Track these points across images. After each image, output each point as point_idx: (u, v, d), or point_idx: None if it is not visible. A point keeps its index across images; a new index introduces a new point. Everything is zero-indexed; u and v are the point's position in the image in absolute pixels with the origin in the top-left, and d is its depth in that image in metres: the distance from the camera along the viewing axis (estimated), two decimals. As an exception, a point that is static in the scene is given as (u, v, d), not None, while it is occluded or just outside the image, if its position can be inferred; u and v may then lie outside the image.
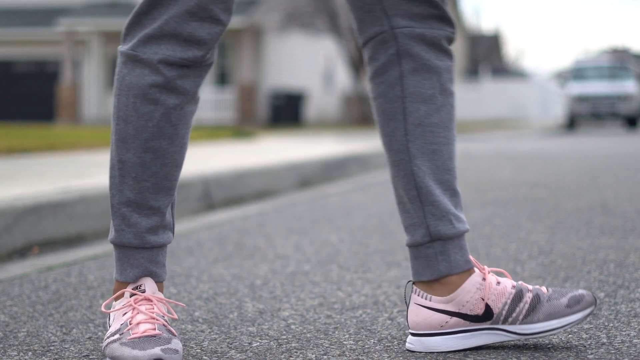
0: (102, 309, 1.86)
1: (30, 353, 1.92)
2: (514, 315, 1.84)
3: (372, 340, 1.97)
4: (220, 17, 1.79)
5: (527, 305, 1.84)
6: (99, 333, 2.09)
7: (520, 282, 1.88)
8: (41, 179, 4.90)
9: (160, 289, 1.90)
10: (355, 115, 32.27)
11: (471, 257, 1.87)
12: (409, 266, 2.92)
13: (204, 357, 1.86)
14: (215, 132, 14.88)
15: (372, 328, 2.08)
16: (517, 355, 1.82)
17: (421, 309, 1.87)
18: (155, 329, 1.78)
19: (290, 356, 1.85)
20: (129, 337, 1.75)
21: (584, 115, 26.07)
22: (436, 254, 1.86)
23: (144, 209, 1.84)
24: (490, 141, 17.13)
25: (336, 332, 2.04)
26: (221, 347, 1.94)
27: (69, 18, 30.34)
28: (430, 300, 1.86)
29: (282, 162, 6.59)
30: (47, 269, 3.01)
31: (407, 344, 1.88)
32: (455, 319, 1.85)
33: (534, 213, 4.38)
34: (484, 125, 30.30)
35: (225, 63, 31.30)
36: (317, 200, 5.34)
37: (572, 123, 26.41)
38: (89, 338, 2.04)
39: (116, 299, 1.88)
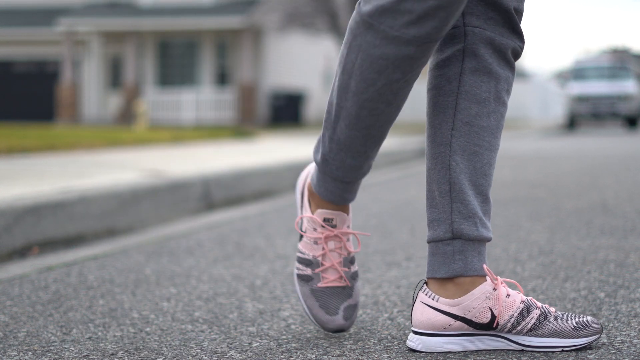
0: (296, 226, 2.08)
1: (30, 353, 1.92)
2: (519, 328, 1.85)
3: (372, 340, 1.97)
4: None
5: (533, 320, 1.85)
6: (99, 333, 2.09)
7: (530, 298, 1.89)
8: (41, 179, 4.90)
9: (347, 212, 2.02)
10: (355, 115, 32.21)
11: (486, 267, 1.87)
12: (409, 266, 2.92)
13: (204, 357, 1.86)
14: (215, 132, 14.88)
15: (372, 328, 2.08)
16: (517, 356, 1.82)
17: (427, 309, 1.87)
18: (342, 279, 2.00)
19: (290, 356, 1.85)
20: (319, 284, 1.98)
21: (584, 115, 26.07)
22: (454, 252, 1.86)
23: (351, 152, 1.91)
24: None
25: (336, 332, 2.04)
26: (221, 347, 1.94)
27: (68, 18, 30.34)
28: (437, 301, 1.87)
29: (282, 162, 6.59)
30: (47, 269, 3.01)
31: (408, 341, 1.89)
32: (459, 323, 1.86)
33: (534, 213, 4.38)
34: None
35: (225, 63, 31.29)
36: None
37: (572, 123, 26.41)
38: (89, 338, 2.04)
39: (306, 221, 2.04)
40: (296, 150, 9.36)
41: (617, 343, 1.89)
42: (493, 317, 1.84)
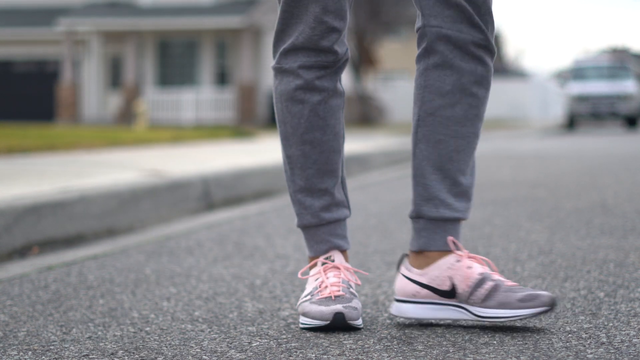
0: (299, 275, 2.21)
1: (30, 352, 1.92)
2: (473, 298, 2.03)
3: (372, 340, 1.97)
4: (334, 24, 2.10)
5: (485, 292, 2.02)
6: (99, 332, 2.09)
7: (489, 272, 2.06)
8: (41, 178, 4.90)
9: (346, 259, 2.20)
10: (355, 115, 32.27)
11: (454, 241, 2.09)
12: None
13: (204, 356, 1.86)
14: (215, 132, 14.88)
15: (371, 327, 2.09)
16: (516, 355, 1.82)
17: (402, 278, 2.13)
18: (339, 290, 2.08)
19: (290, 356, 1.85)
20: (317, 297, 2.06)
21: (583, 115, 26.06)
22: (420, 229, 2.13)
23: (314, 192, 2.16)
24: (489, 141, 17.14)
25: (336, 332, 2.05)
26: (221, 347, 1.94)
27: (68, 18, 30.34)
28: (410, 271, 2.12)
29: (282, 162, 6.59)
30: (47, 269, 3.01)
31: (389, 308, 2.16)
32: (426, 291, 2.09)
33: (533, 213, 4.38)
34: (484, 125, 30.31)
35: (225, 63, 31.30)
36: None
37: (571, 123, 26.40)
38: (89, 337, 2.05)
39: (310, 268, 2.18)
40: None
41: (616, 342, 1.90)
42: (453, 285, 2.06)
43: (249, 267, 2.99)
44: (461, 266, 2.06)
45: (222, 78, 31.24)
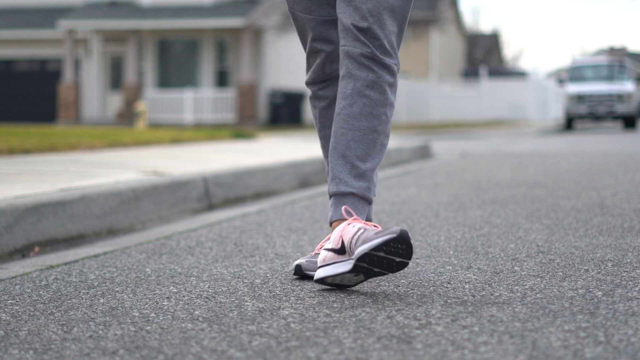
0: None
1: (31, 352, 1.93)
2: (352, 247, 2.45)
3: (371, 339, 1.98)
4: (321, 47, 2.78)
5: (356, 238, 2.45)
6: (100, 332, 2.10)
7: (365, 224, 2.49)
8: (42, 178, 4.91)
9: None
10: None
11: (347, 209, 2.55)
12: (408, 266, 2.94)
13: (204, 355, 1.87)
14: (215, 132, 14.88)
15: (371, 327, 2.10)
16: (515, 354, 1.83)
17: (322, 250, 2.57)
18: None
19: (290, 354, 1.86)
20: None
21: (582, 115, 26.05)
22: (330, 206, 2.62)
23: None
24: (489, 141, 17.14)
25: (335, 331, 2.06)
26: (221, 346, 1.95)
27: (69, 18, 30.34)
28: (324, 242, 2.67)
29: (282, 162, 6.61)
30: (48, 268, 3.03)
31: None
32: (330, 254, 2.52)
33: (532, 212, 4.39)
34: (483, 125, 30.31)
35: (225, 63, 31.29)
36: (317, 200, 5.36)
37: (569, 123, 26.39)
38: (90, 337, 2.06)
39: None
40: (296, 150, 9.37)
41: (614, 342, 1.91)
42: (342, 242, 2.50)
43: (249, 266, 3.00)
44: (348, 227, 2.50)
45: (222, 78, 31.23)
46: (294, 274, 2.73)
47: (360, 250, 2.42)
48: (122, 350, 1.92)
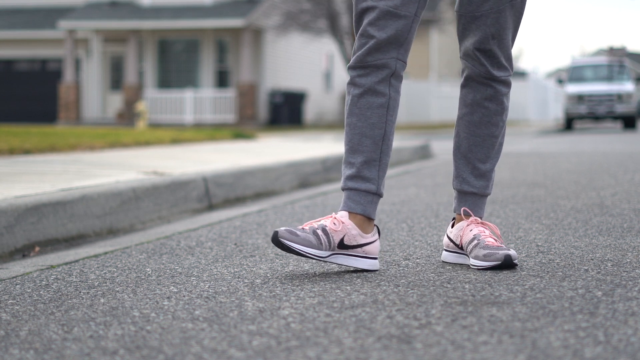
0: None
1: (32, 351, 1.93)
2: (467, 249, 2.90)
3: (371, 339, 1.98)
4: (373, 33, 2.75)
5: (471, 247, 2.85)
6: (100, 331, 2.11)
7: (483, 235, 2.86)
8: (42, 178, 4.91)
9: (361, 224, 2.81)
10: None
11: (467, 210, 2.94)
12: (408, 265, 2.95)
13: (204, 355, 1.87)
14: (215, 132, 14.88)
15: (371, 326, 2.10)
16: (514, 354, 1.83)
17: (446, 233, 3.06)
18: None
19: (290, 354, 1.87)
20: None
21: (581, 115, 26.04)
22: (455, 198, 3.04)
23: (347, 163, 2.84)
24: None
25: (335, 331, 2.06)
26: (221, 346, 1.95)
27: (70, 18, 30.33)
28: (449, 227, 3.08)
29: (282, 162, 6.61)
30: (49, 268, 3.03)
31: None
32: (452, 244, 3.00)
33: (532, 213, 4.40)
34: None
35: (225, 64, 31.29)
36: (317, 200, 5.36)
37: (569, 123, 26.37)
38: (90, 336, 2.06)
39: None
40: (296, 150, 9.37)
41: (614, 341, 1.91)
42: (461, 241, 2.90)
43: (249, 266, 3.00)
44: (467, 229, 2.90)
45: (222, 78, 31.24)
46: (271, 240, 2.74)
47: (473, 263, 2.84)
48: (122, 350, 1.93)
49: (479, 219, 2.93)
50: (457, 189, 2.98)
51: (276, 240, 2.72)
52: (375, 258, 2.85)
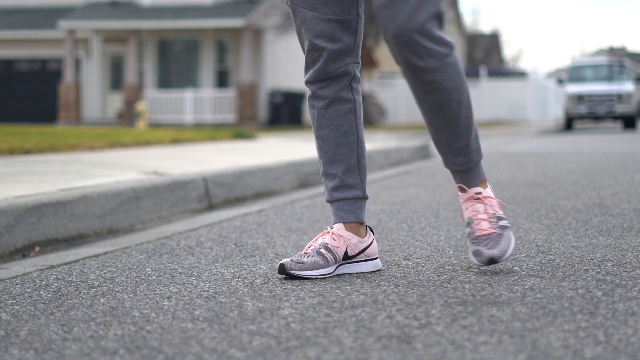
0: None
1: (32, 351, 1.93)
2: (467, 230, 2.84)
3: (371, 339, 1.98)
4: (323, 45, 2.73)
5: (467, 232, 2.82)
6: (100, 331, 2.11)
7: (475, 218, 2.80)
8: (42, 178, 4.91)
9: (356, 230, 2.84)
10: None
11: (461, 186, 2.84)
12: (408, 265, 2.95)
13: (204, 355, 1.88)
14: (215, 133, 14.88)
15: (371, 326, 2.10)
16: (514, 354, 1.83)
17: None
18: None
19: (290, 354, 1.87)
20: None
21: (581, 115, 26.03)
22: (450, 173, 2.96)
23: (327, 176, 2.84)
24: (489, 141, 17.14)
25: (335, 331, 2.06)
26: (221, 346, 1.95)
27: (70, 18, 30.33)
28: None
29: (282, 162, 6.61)
30: (49, 268, 3.03)
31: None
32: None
33: (532, 212, 4.40)
34: (483, 125, 30.30)
35: (225, 64, 31.29)
36: (317, 200, 5.36)
37: (569, 123, 26.37)
38: (90, 336, 2.06)
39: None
40: (296, 150, 9.37)
41: (614, 341, 1.91)
42: (463, 217, 2.86)
43: (249, 266, 3.00)
44: (462, 205, 2.86)
45: (222, 78, 31.23)
46: (279, 272, 2.74)
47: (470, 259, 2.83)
48: (122, 350, 1.93)
49: (474, 194, 2.83)
50: (447, 168, 2.90)
51: (284, 272, 2.72)
52: (376, 258, 2.87)
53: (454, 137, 2.78)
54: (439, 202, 5.08)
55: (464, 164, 2.82)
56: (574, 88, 26.05)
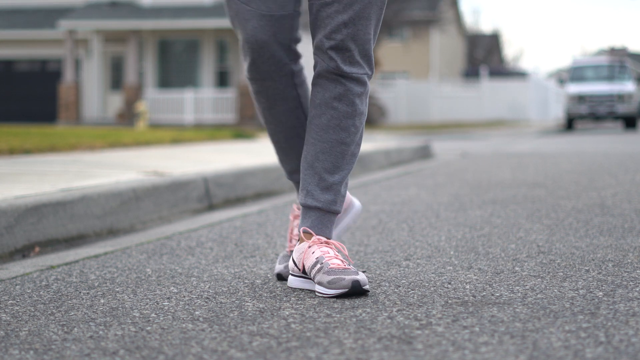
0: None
1: (31, 352, 1.93)
2: (311, 274, 2.52)
3: (372, 339, 1.98)
4: (258, 44, 2.58)
5: (314, 271, 2.50)
6: (100, 332, 2.10)
7: (325, 256, 2.50)
8: (42, 179, 4.91)
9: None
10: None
11: (306, 229, 2.58)
12: (409, 265, 2.94)
13: (205, 355, 1.87)
14: (215, 133, 14.88)
15: (371, 327, 2.10)
16: (515, 354, 1.83)
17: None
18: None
19: (290, 355, 1.86)
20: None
21: (582, 116, 26.04)
22: (301, 212, 2.65)
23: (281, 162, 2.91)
24: (489, 141, 17.15)
25: (336, 331, 2.06)
26: (221, 346, 1.95)
27: (70, 18, 30.34)
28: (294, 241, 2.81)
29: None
30: (49, 269, 3.03)
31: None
32: (296, 268, 2.60)
33: (533, 213, 4.39)
34: (484, 126, 30.32)
35: (225, 64, 31.29)
36: (317, 200, 5.35)
37: (570, 123, 26.37)
38: (90, 337, 2.06)
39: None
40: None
41: (615, 342, 1.91)
42: (304, 265, 2.55)
43: (249, 266, 3.00)
44: (308, 252, 2.55)
45: (222, 78, 31.24)
46: (277, 279, 2.75)
47: (318, 290, 2.48)
48: (122, 351, 1.92)
49: (322, 238, 2.57)
50: (301, 204, 2.62)
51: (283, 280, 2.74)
52: (355, 205, 2.89)
53: (333, 167, 2.60)
54: (439, 202, 5.08)
55: (327, 204, 2.59)
56: (574, 88, 26.06)
